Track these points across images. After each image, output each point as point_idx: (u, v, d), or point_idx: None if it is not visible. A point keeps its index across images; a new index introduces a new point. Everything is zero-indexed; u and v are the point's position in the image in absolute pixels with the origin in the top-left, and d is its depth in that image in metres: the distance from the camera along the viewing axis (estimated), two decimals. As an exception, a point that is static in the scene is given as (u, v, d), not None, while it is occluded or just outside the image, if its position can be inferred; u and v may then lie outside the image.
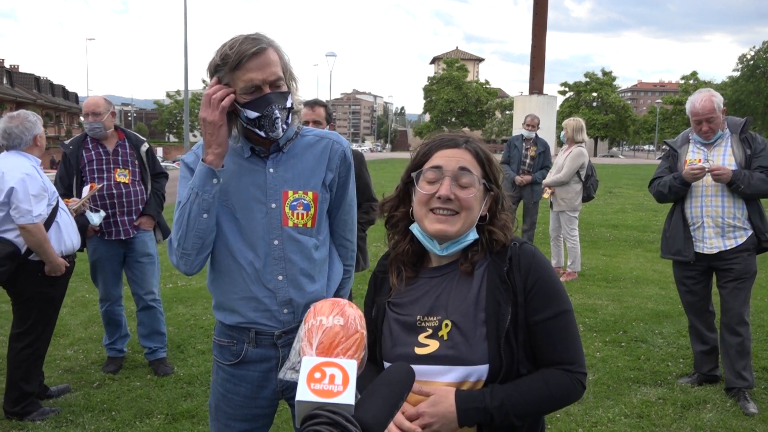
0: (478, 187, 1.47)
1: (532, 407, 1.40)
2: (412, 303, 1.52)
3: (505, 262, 1.46)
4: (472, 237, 1.49)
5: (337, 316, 1.24)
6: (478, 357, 1.39)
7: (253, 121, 1.83)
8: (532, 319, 1.43)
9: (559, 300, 1.45)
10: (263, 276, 1.92)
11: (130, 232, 4.30)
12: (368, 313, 1.61)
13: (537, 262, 1.46)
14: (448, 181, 1.45)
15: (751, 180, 3.68)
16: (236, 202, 1.91)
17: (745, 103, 51.52)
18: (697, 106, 3.79)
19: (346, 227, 2.11)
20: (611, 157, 65.22)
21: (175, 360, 4.61)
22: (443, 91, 72.52)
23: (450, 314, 1.44)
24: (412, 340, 1.46)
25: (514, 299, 1.42)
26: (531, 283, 1.43)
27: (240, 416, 2.01)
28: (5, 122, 3.60)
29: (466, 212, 1.46)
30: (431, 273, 1.54)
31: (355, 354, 1.20)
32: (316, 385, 1.09)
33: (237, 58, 1.76)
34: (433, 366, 1.42)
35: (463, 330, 1.42)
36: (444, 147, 1.51)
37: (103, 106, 4.22)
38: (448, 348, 1.41)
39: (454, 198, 1.45)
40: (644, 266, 8.01)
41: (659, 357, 4.62)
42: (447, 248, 1.49)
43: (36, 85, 55.03)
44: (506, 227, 1.52)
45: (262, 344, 1.96)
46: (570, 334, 1.46)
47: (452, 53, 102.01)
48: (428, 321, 1.46)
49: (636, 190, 18.62)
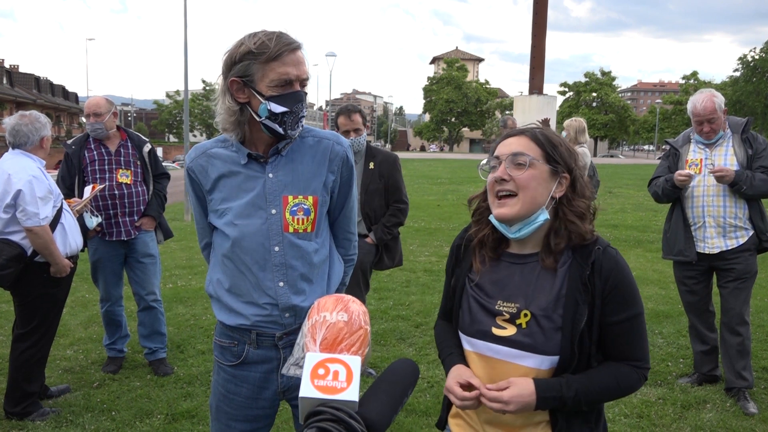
0: (538, 167, 1.52)
1: (600, 396, 1.52)
2: (493, 284, 1.59)
3: (588, 265, 1.51)
4: (542, 218, 1.53)
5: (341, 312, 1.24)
6: (551, 348, 1.48)
7: (276, 116, 1.79)
8: (608, 320, 1.51)
9: (634, 304, 1.54)
10: (263, 283, 1.90)
11: (132, 232, 4.29)
12: (448, 281, 1.74)
13: (618, 267, 1.52)
14: (503, 165, 1.54)
15: (753, 181, 3.68)
16: (235, 210, 1.89)
17: (745, 104, 51.47)
18: (699, 106, 3.79)
19: (350, 222, 2.10)
20: (611, 157, 65.15)
21: (175, 360, 4.61)
22: (443, 91, 72.43)
23: (529, 305, 1.52)
24: (490, 321, 1.56)
25: (592, 301, 1.50)
26: (610, 288, 1.51)
27: (241, 417, 2.00)
28: (16, 119, 3.60)
29: (524, 192, 1.51)
30: (512, 258, 1.61)
31: (359, 350, 1.20)
32: (320, 382, 1.09)
33: (277, 50, 1.74)
34: (510, 348, 1.51)
35: (541, 323, 1.50)
36: (504, 138, 1.60)
37: (104, 107, 4.21)
38: (524, 336, 1.50)
39: (509, 178, 1.52)
40: (644, 266, 8.01)
41: (659, 357, 4.62)
42: (519, 230, 1.54)
43: (36, 85, 55.01)
44: (582, 215, 1.55)
45: (263, 345, 1.95)
46: (640, 334, 1.55)
47: (452, 53, 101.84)
48: (507, 306, 1.55)
49: (636, 190, 18.61)
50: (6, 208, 3.43)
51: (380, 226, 4.14)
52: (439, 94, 72.70)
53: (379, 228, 4.14)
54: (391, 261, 4.27)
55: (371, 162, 4.15)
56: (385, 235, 4.14)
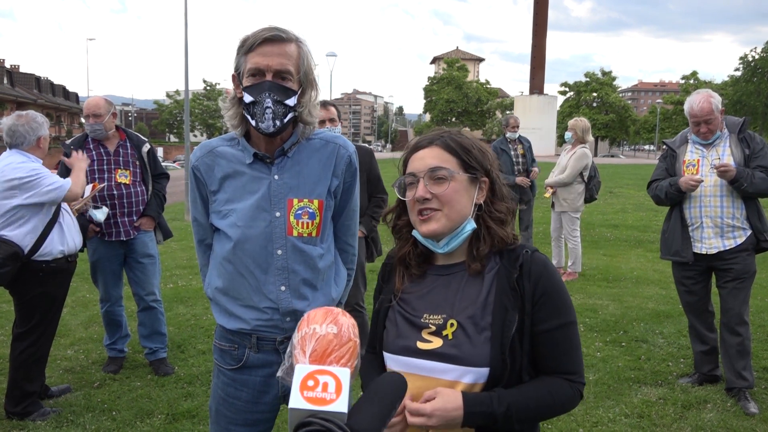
0: (458, 179, 1.47)
1: (534, 414, 1.42)
2: (419, 299, 1.53)
3: (515, 268, 1.45)
4: (469, 228, 1.48)
5: (330, 324, 1.24)
6: (480, 360, 1.39)
7: (248, 107, 1.81)
8: (538, 327, 1.43)
9: (566, 311, 1.47)
10: (265, 286, 1.88)
11: (131, 232, 4.30)
12: (375, 303, 1.64)
13: (548, 271, 1.46)
14: (422, 182, 1.47)
15: (753, 179, 3.68)
16: (239, 211, 1.87)
17: (746, 103, 51.42)
18: (695, 107, 3.79)
19: (348, 232, 2.07)
20: (612, 157, 65.13)
21: (176, 360, 4.61)
22: (443, 91, 72.38)
23: (456, 314, 1.45)
24: (416, 335, 1.47)
25: (522, 306, 1.42)
26: (540, 293, 1.44)
27: (241, 421, 1.97)
28: (13, 120, 3.61)
29: (448, 207, 1.46)
30: (438, 271, 1.55)
31: (348, 362, 1.20)
32: (309, 393, 1.09)
33: (252, 41, 1.78)
34: (434, 362, 1.42)
35: (468, 331, 1.42)
36: (416, 150, 1.52)
37: (103, 107, 4.21)
38: (450, 347, 1.42)
39: (431, 197, 1.46)
40: (645, 266, 8.00)
41: (660, 357, 4.62)
42: (447, 244, 1.49)
43: (36, 85, 55.04)
44: (502, 220, 1.51)
45: (263, 349, 1.92)
46: (574, 345, 1.47)
47: (453, 53, 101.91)
48: (433, 318, 1.47)
49: (636, 190, 18.60)
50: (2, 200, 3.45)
51: (367, 217, 4.27)
52: (440, 94, 72.65)
53: (367, 219, 4.27)
54: (377, 251, 4.47)
55: None
56: (373, 226, 4.33)
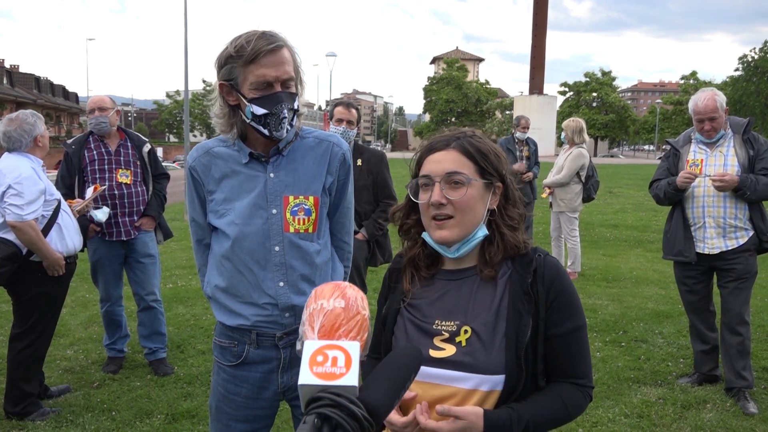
0: (474, 185, 1.44)
1: (550, 425, 1.41)
2: (429, 305, 1.49)
3: (529, 273, 1.43)
4: (481, 234, 1.46)
5: (338, 298, 1.23)
6: (496, 367, 1.37)
7: (258, 118, 1.81)
8: (551, 331, 1.42)
9: (578, 315, 1.46)
10: (263, 283, 1.91)
11: (131, 233, 4.29)
12: (380, 311, 1.59)
13: (560, 275, 1.45)
14: (438, 186, 1.44)
15: (757, 186, 3.67)
16: (236, 209, 1.90)
17: (746, 103, 51.46)
18: (700, 104, 3.80)
19: (343, 230, 2.10)
20: (611, 157, 65.15)
21: (176, 360, 4.61)
22: (443, 91, 72.42)
23: (470, 321, 1.42)
24: (427, 342, 1.43)
25: (536, 311, 1.41)
26: (553, 296, 1.42)
27: (241, 417, 2.00)
28: (5, 125, 3.57)
29: (462, 214, 1.43)
30: (448, 275, 1.52)
31: (358, 335, 1.19)
32: (319, 368, 1.07)
33: (253, 53, 1.75)
34: (448, 371, 1.39)
35: (482, 338, 1.39)
36: (432, 152, 1.49)
37: (109, 102, 4.29)
38: (464, 354, 1.39)
39: (446, 202, 1.43)
40: (644, 266, 8.01)
41: (659, 357, 4.62)
42: (458, 249, 1.46)
43: (36, 85, 55.07)
44: (514, 227, 1.48)
45: (263, 345, 1.95)
46: (584, 349, 1.46)
47: (452, 53, 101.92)
48: (445, 325, 1.44)
49: (636, 190, 18.60)
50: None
51: (371, 221, 4.23)
52: (440, 94, 72.68)
53: (371, 223, 4.22)
54: (382, 256, 4.36)
55: (359, 158, 4.22)
56: (376, 231, 4.24)
